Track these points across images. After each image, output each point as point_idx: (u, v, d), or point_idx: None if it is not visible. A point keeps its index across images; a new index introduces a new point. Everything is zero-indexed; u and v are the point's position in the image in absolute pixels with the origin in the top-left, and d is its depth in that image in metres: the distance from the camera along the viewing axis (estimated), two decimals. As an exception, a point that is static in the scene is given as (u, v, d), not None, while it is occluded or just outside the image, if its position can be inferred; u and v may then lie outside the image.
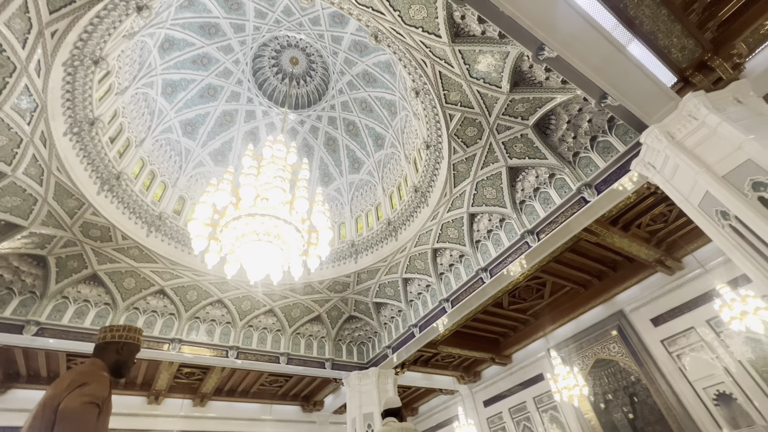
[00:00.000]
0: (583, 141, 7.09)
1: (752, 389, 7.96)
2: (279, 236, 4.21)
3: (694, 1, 5.26)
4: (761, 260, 4.43)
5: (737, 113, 5.07)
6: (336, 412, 15.82)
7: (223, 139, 11.03)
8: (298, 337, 11.81)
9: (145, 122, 9.44)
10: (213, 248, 4.47)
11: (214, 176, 9.81)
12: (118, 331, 2.41)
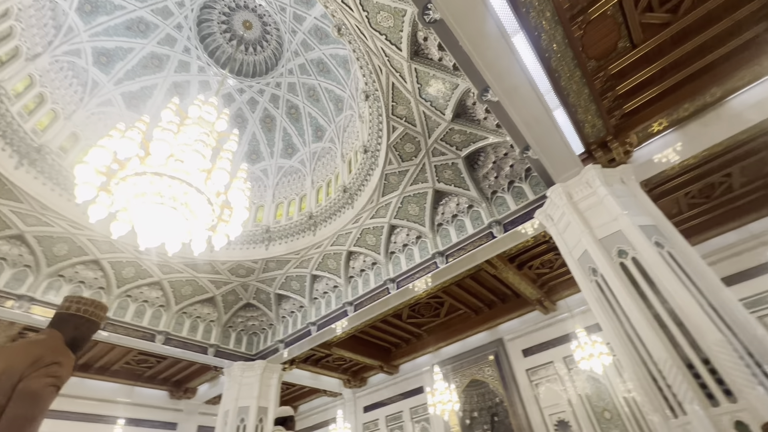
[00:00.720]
0: (503, 182, 7.83)
1: (584, 420, 9.47)
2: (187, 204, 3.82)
3: (608, 90, 6.20)
4: (611, 314, 5.33)
5: (620, 191, 6.08)
6: (209, 402, 14.76)
7: (143, 83, 9.73)
8: (183, 316, 10.80)
9: (46, 35, 7.89)
10: (102, 201, 3.87)
11: (123, 121, 8.60)
12: (84, 305, 2.16)
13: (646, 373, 4.76)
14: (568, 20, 5.18)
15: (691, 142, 6.76)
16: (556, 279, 10.67)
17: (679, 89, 6.31)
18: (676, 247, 5.34)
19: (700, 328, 4.39)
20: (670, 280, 4.81)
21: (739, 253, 9.04)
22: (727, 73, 6.05)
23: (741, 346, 4.25)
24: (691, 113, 6.64)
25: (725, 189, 8.54)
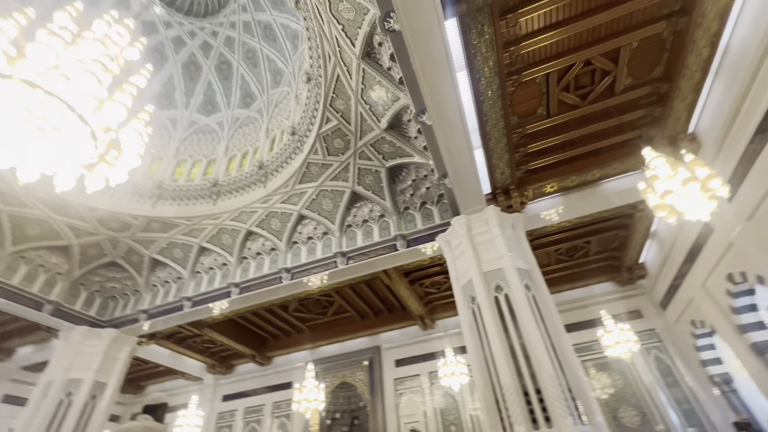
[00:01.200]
0: (416, 201, 8.24)
1: (433, 431, 10.35)
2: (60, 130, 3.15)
3: (521, 146, 7.04)
4: (478, 339, 5.97)
5: (509, 234, 6.89)
6: (28, 368, 12.25)
7: (40, -29, 7.87)
8: (19, 261, 8.86)
9: None
10: (-67, 93, 2.95)
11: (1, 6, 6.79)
12: None
13: (492, 395, 5.41)
14: (505, 75, 5.75)
15: (570, 208, 8.04)
16: (441, 300, 11.56)
17: (572, 163, 7.47)
18: (540, 292, 6.25)
19: (541, 363, 5.18)
20: (529, 319, 5.59)
21: (579, 308, 10.99)
22: (607, 160, 7.38)
23: (565, 383, 5.13)
24: (575, 185, 7.90)
25: (584, 253, 10.34)
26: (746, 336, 7.46)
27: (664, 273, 9.65)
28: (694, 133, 6.87)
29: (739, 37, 5.37)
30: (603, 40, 5.58)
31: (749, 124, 5.68)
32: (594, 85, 6.23)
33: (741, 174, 6.13)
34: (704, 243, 7.68)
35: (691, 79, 6.04)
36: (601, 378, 10.14)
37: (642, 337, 10.12)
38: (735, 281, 7.29)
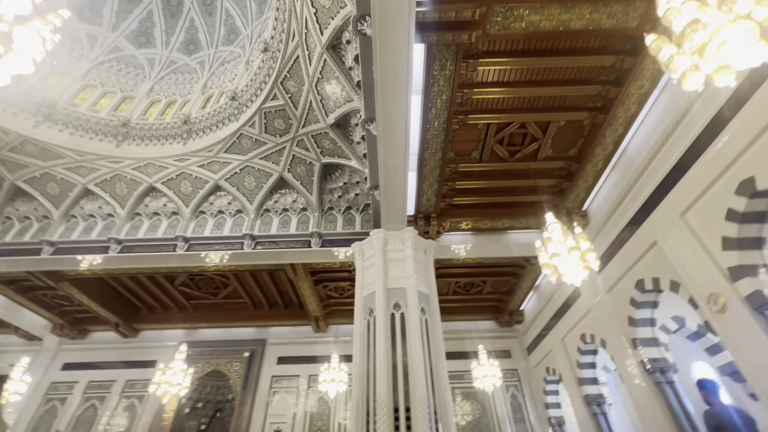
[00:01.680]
0: (342, 204, 8.23)
1: (297, 434, 10.18)
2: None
3: (451, 180, 7.52)
4: (366, 350, 6.08)
5: (420, 258, 7.24)
6: None
7: None
8: None
9: None
10: None
11: None
12: None
13: (365, 407, 5.53)
14: (453, 112, 6.14)
15: (477, 248, 8.76)
16: (340, 306, 11.56)
17: (488, 208, 8.19)
18: (432, 317, 6.64)
19: (417, 383, 5.46)
20: (417, 341, 5.88)
21: (462, 338, 11.94)
22: (516, 214, 8.25)
23: (433, 405, 5.48)
24: (486, 228, 8.66)
25: (478, 290, 11.31)
26: (582, 388, 8.83)
27: (536, 323, 11.00)
28: (586, 211, 8.06)
29: (635, 143, 6.52)
30: (539, 110, 6.31)
31: (625, 217, 6.88)
32: (523, 146, 6.97)
33: (610, 254, 7.35)
34: (572, 304, 8.97)
35: (595, 166, 7.12)
36: (464, 405, 11.06)
37: (505, 375, 11.33)
38: (585, 341, 8.63)
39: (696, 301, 5.50)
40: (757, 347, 4.60)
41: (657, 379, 6.54)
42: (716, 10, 2.49)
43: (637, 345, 6.88)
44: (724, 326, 5.05)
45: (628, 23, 5.05)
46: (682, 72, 2.61)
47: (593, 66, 5.67)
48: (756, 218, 4.87)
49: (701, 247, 5.37)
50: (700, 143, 5.29)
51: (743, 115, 4.67)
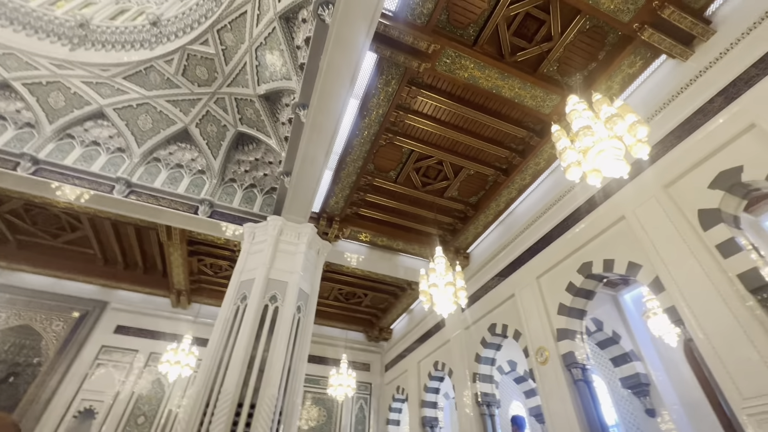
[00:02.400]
0: (246, 180, 7.67)
1: (116, 416, 8.84)
2: None
3: (363, 190, 7.65)
4: (225, 338, 5.65)
5: (311, 257, 7.11)
6: None
7: None
8: None
9: None
10: None
11: None
12: None
13: (206, 397, 5.09)
14: (384, 128, 6.32)
15: (369, 261, 9.01)
16: (211, 284, 10.62)
17: (389, 227, 8.54)
18: (307, 318, 6.53)
19: (271, 381, 5.26)
20: (284, 338, 5.70)
21: (329, 344, 12.02)
22: (412, 240, 8.77)
23: (281, 406, 5.33)
24: (382, 244, 8.99)
25: (358, 301, 11.57)
26: (422, 409, 9.62)
27: (400, 343, 11.70)
28: (469, 253, 9.00)
29: (522, 208, 7.57)
30: (458, 154, 6.90)
31: (497, 267, 7.88)
32: (435, 180, 7.51)
33: (478, 296, 8.30)
34: (434, 333, 9.80)
35: (487, 217, 8.04)
36: (312, 410, 11.03)
37: (359, 387, 11.72)
38: (437, 368, 9.48)
39: (528, 351, 6.53)
40: (558, 397, 5.65)
41: (483, 411, 7.50)
42: (602, 125, 3.09)
43: (476, 379, 7.82)
44: (542, 375, 6.09)
45: (543, 108, 5.92)
46: (569, 163, 3.15)
47: (509, 133, 6.46)
48: (585, 294, 6.05)
49: (543, 307, 6.43)
50: (565, 224, 6.41)
51: (596, 212, 5.83)
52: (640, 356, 7.49)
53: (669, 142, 4.95)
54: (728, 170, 4.28)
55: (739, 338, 3.75)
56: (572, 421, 5.32)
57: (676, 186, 4.81)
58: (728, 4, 4.68)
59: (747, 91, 4.26)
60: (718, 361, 3.87)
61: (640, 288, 7.61)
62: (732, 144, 4.32)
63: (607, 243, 5.62)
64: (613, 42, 5.22)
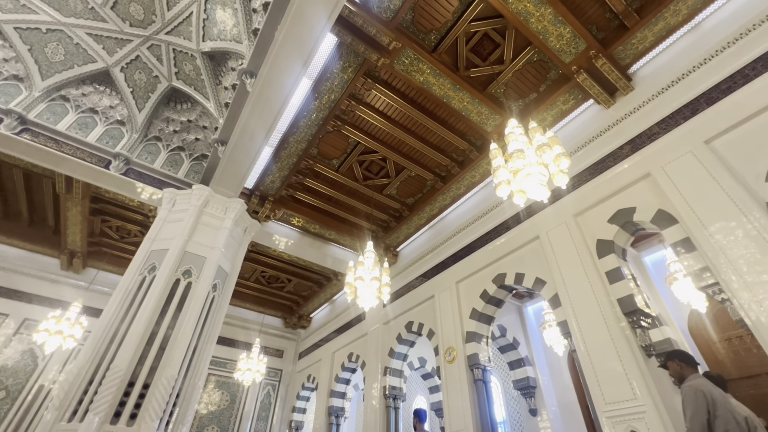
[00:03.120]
0: (174, 141, 6.98)
1: (-34, 389, 7.48)
2: None
3: (301, 174, 7.43)
4: (124, 310, 5.10)
5: (237, 234, 6.73)
6: None
7: None
8: None
9: None
10: None
11: None
12: None
13: (90, 373, 4.55)
14: (334, 115, 6.20)
15: (298, 247, 8.79)
16: (113, 249, 9.48)
17: (324, 215, 8.41)
18: (222, 298, 6.17)
19: (173, 362, 4.88)
20: (194, 317, 5.31)
21: (242, 327, 11.51)
22: (344, 231, 8.74)
23: (179, 388, 4.97)
24: (314, 232, 8.84)
25: (280, 286, 11.23)
26: (330, 399, 9.69)
27: (318, 332, 11.63)
28: (398, 252, 9.25)
29: (453, 216, 7.97)
30: (402, 154, 7.03)
31: (422, 268, 8.20)
32: (377, 176, 7.57)
33: (400, 294, 8.57)
34: (354, 325, 9.92)
35: (420, 219, 8.33)
36: (214, 394, 10.48)
37: (269, 373, 11.41)
38: (351, 360, 9.60)
39: (439, 350, 6.93)
40: (459, 393, 6.09)
41: (389, 404, 7.79)
42: (533, 151, 3.38)
43: (387, 373, 8.09)
44: (447, 373, 6.50)
45: (486, 126, 6.29)
46: (500, 181, 3.39)
47: (452, 143, 6.75)
48: (496, 302, 6.59)
49: (458, 310, 6.87)
50: (488, 236, 6.90)
51: (516, 230, 6.38)
52: (532, 362, 8.38)
53: (584, 176, 5.59)
54: (624, 209, 4.97)
55: (610, 352, 4.39)
56: (467, 417, 5.77)
57: (584, 216, 5.45)
58: (647, 67, 5.41)
59: (648, 144, 4.97)
60: (592, 370, 4.49)
61: (541, 302, 8.50)
62: (631, 188, 5.03)
63: (521, 258, 6.17)
64: (554, 78, 5.74)
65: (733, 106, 4.31)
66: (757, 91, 4.18)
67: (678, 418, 3.73)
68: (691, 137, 4.55)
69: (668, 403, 3.90)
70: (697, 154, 4.41)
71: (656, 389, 3.98)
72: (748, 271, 3.64)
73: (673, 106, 4.84)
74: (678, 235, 4.37)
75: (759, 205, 3.79)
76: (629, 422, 3.99)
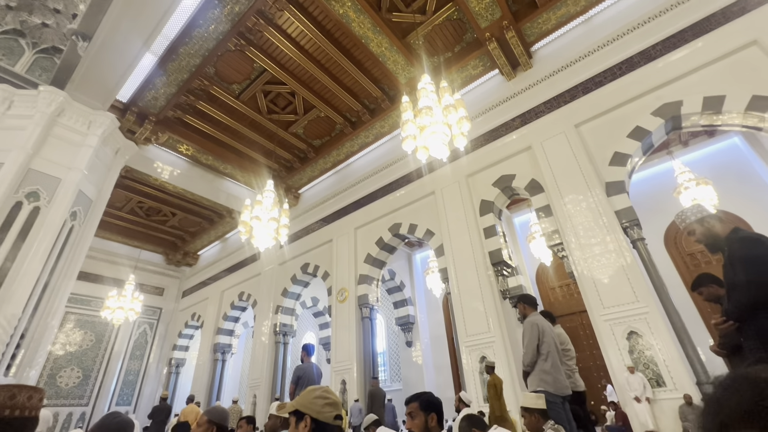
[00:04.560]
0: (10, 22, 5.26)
1: None
2: None
3: (194, 94, 6.48)
4: (-68, 236, 3.98)
5: (105, 155, 5.67)
6: None
7: None
8: None
9: None
10: None
11: None
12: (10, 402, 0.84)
13: None
14: (237, 31, 5.40)
15: (186, 178, 7.87)
16: None
17: (219, 146, 7.59)
18: (86, 228, 5.28)
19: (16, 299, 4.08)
20: (45, 248, 4.45)
21: (112, 262, 10.19)
22: (243, 166, 8.08)
23: (24, 328, 4.25)
24: (207, 163, 7.97)
25: (162, 220, 10.06)
26: (217, 336, 9.51)
27: (206, 270, 10.98)
28: (300, 194, 9.02)
29: (359, 164, 7.98)
30: (312, 91, 6.60)
31: (323, 212, 8.20)
32: (283, 111, 7.03)
33: (299, 236, 8.50)
34: (247, 264, 9.61)
35: (325, 163, 8.15)
36: (75, 334, 9.31)
37: (147, 311, 10.52)
38: (242, 299, 9.43)
39: (332, 290, 7.25)
40: (347, 329, 6.57)
41: (278, 340, 8.01)
42: (441, 110, 3.52)
43: (279, 311, 8.21)
44: (338, 311, 6.91)
45: (400, 76, 6.25)
46: (407, 135, 3.48)
47: (365, 89, 6.57)
48: (389, 249, 7.06)
49: (354, 255, 7.18)
50: (389, 187, 7.17)
51: (415, 184, 6.76)
52: (414, 302, 9.44)
53: (480, 141, 6.10)
54: (507, 175, 5.65)
55: (476, 295, 5.19)
56: (352, 349, 6.33)
57: (474, 177, 6.03)
58: (546, 48, 5.94)
59: (534, 120, 5.62)
60: (460, 309, 5.28)
61: (428, 251, 9.43)
62: (514, 157, 5.70)
63: (417, 211, 6.64)
64: (469, 41, 5.90)
65: (601, 98, 5.10)
66: (619, 88, 4.99)
67: (517, 346, 4.71)
68: (566, 120, 5.28)
69: (512, 335, 4.87)
70: (567, 135, 5.17)
71: (505, 324, 4.91)
72: (584, 235, 4.58)
73: (559, 89, 5.50)
74: (542, 202, 5.19)
75: (601, 184, 4.70)
76: (481, 349, 4.89)
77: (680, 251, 6.72)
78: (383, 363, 9.65)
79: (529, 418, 1.86)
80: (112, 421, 1.12)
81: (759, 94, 4.01)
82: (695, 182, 5.56)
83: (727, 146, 6.84)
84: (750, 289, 1.30)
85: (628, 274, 4.18)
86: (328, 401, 0.88)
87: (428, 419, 1.22)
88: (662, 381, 3.77)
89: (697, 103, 4.36)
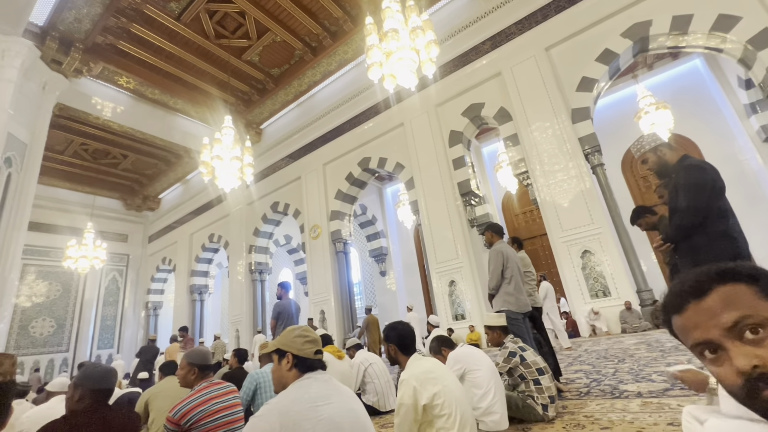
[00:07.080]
0: None
1: None
2: None
3: (125, 16, 5.62)
4: None
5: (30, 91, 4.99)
6: None
7: None
8: None
9: None
10: None
11: None
12: None
13: None
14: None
15: (132, 115, 7.16)
16: None
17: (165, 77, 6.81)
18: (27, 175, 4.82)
19: (-44, 254, 3.82)
20: (-22, 198, 4.07)
21: (66, 211, 9.58)
22: (196, 100, 7.40)
23: (-21, 283, 4.05)
24: (153, 98, 7.23)
25: (112, 163, 9.31)
26: (192, 278, 9.53)
27: (171, 214, 10.59)
28: (262, 129, 8.51)
29: (323, 95, 7.49)
30: (265, 11, 5.83)
31: (290, 148, 7.86)
32: (233, 35, 6.27)
33: (265, 174, 8.21)
34: (214, 206, 9.32)
35: (287, 95, 7.60)
36: (37, 285, 9.03)
37: (113, 258, 10.26)
38: (212, 240, 9.31)
39: (304, 228, 7.27)
40: (322, 264, 6.74)
41: (255, 278, 8.15)
42: (408, 33, 3.26)
43: (252, 251, 8.22)
44: (312, 248, 7.01)
45: (363, -7, 5.62)
46: (373, 62, 3.25)
47: (325, 8, 5.89)
48: (360, 184, 7.01)
49: (324, 191, 7.10)
50: (357, 120, 6.88)
51: (383, 115, 6.51)
52: (386, 235, 9.70)
53: (449, 68, 5.83)
54: (476, 104, 5.53)
55: (445, 224, 5.38)
56: (329, 282, 6.58)
57: (443, 107, 5.87)
58: (520, -41, 5.45)
59: (505, 43, 5.37)
60: (431, 238, 5.50)
61: (399, 184, 9.46)
62: (484, 84, 5.53)
63: (386, 144, 6.50)
64: (438, -51, 5.30)
65: (573, 18, 4.88)
66: (592, 5, 4.77)
67: (483, 271, 5.05)
68: (537, 42, 5.08)
69: (479, 261, 5.19)
70: (537, 60, 5.02)
71: (472, 251, 5.20)
72: (548, 162, 4.71)
73: (531, 8, 5.18)
74: (510, 131, 5.20)
75: (567, 110, 4.72)
76: (451, 274, 5.22)
77: (635, 174, 7.13)
78: (359, 292, 10.17)
79: (492, 335, 2.07)
80: (94, 371, 1.13)
81: (725, 13, 3.98)
82: (655, 107, 5.69)
83: (688, 69, 6.94)
84: (688, 213, 1.43)
85: (587, 198, 4.42)
86: (307, 339, 0.91)
87: (389, 348, 1.33)
88: (608, 292, 4.24)
89: (666, 22, 4.29)
